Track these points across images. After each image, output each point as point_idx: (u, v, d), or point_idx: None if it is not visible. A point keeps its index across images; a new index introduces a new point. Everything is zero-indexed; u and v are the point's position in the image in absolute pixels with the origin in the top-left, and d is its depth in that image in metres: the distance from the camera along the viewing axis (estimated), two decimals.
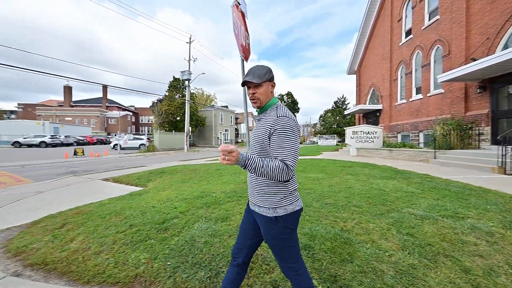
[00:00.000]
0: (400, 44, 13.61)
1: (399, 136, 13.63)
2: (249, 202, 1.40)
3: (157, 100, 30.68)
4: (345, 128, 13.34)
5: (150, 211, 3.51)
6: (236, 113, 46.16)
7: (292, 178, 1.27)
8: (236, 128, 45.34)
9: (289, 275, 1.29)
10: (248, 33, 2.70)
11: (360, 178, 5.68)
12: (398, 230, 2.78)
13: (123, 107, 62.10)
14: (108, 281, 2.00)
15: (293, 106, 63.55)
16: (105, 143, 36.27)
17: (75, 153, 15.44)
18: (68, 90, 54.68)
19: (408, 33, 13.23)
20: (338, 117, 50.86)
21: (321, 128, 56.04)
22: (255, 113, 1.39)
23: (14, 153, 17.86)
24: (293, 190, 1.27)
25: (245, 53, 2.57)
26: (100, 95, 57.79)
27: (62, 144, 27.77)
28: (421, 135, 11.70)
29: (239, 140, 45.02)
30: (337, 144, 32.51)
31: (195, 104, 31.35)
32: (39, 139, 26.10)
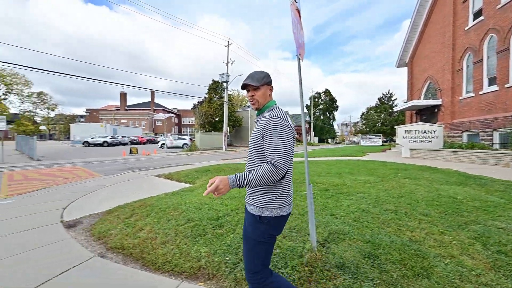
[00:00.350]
0: (467, 28, 11.70)
1: (465, 135, 11.72)
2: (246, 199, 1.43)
3: (198, 102, 32.67)
4: (395, 126, 12.04)
5: (204, 207, 3.69)
6: None
7: (284, 179, 1.24)
8: None
9: (252, 284, 1.25)
10: (303, 31, 2.61)
11: (421, 183, 5.04)
12: (484, 246, 2.35)
13: (168, 110, 67.90)
14: (176, 270, 2.14)
15: (331, 104, 60.65)
16: (153, 143, 40.15)
17: (131, 152, 17.44)
18: (123, 96, 62.32)
19: (477, 14, 11.30)
20: (383, 115, 46.51)
21: (363, 127, 52.04)
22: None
23: (85, 151, 21.08)
24: (283, 192, 1.24)
25: (301, 52, 2.49)
26: (149, 99, 64.30)
27: (120, 144, 31.73)
28: (495, 134, 9.84)
29: None
30: (383, 145, 29.66)
31: (232, 105, 32.40)
32: (102, 139, 30.32)
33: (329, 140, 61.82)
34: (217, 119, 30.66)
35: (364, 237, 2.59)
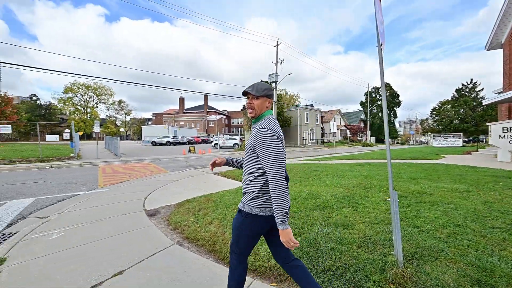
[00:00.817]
0: None
1: None
2: None
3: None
4: (488, 124, 9.66)
5: None
6: (322, 111, 43.87)
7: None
8: (322, 127, 43.00)
9: (231, 259, 1.47)
10: (382, 18, 2.29)
11: None
12: None
13: (219, 112, 72.60)
14: (247, 267, 2.15)
15: (391, 99, 53.99)
16: (207, 142, 43.56)
17: (189, 150, 19.28)
18: (181, 101, 69.68)
19: None
20: (462, 110, 38.58)
21: (434, 124, 44.35)
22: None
23: (153, 150, 24.42)
24: (264, 195, 1.32)
25: (382, 41, 2.18)
26: (202, 102, 70.12)
27: (179, 143, 35.61)
28: None
29: (325, 140, 42.44)
30: (464, 146, 24.39)
31: (281, 105, 32.30)
32: (166, 139, 34.63)
33: (389, 140, 55.00)
34: None
35: (466, 258, 2.10)
